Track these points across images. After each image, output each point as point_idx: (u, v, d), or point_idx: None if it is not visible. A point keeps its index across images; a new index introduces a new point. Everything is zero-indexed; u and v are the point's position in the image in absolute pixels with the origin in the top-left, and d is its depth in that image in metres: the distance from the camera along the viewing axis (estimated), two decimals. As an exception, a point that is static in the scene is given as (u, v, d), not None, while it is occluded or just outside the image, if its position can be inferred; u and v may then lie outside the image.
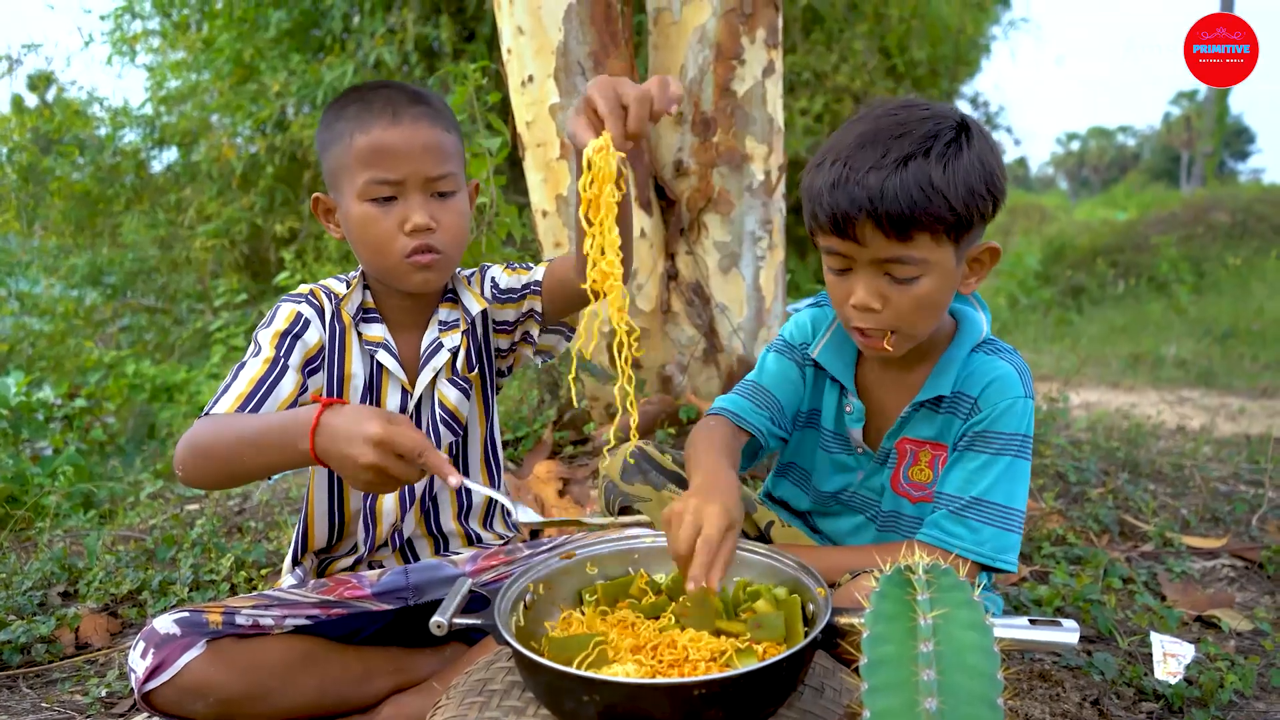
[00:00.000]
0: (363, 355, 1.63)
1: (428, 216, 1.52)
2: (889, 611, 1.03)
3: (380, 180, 1.50)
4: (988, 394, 1.51)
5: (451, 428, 1.70)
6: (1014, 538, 1.47)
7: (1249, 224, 13.68)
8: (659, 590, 1.39)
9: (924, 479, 1.61)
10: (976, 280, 1.51)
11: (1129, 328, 9.78)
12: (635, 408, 1.41)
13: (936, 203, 1.34)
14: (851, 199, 1.36)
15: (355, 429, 1.21)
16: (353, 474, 1.23)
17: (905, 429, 1.61)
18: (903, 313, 1.43)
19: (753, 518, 1.80)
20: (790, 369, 1.73)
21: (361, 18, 7.01)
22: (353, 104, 1.55)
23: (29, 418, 4.65)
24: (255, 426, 1.33)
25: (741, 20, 2.97)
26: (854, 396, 1.65)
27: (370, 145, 1.50)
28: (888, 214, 1.34)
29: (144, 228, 8.00)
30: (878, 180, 1.34)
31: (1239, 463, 3.65)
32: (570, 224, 2.95)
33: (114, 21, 8.35)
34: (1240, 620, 2.12)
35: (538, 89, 2.93)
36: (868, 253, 1.40)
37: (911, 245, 1.37)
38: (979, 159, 1.38)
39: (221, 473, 1.36)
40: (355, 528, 1.68)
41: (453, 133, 1.59)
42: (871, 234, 1.37)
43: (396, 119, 1.51)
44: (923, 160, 1.34)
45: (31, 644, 2.02)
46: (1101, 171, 56.78)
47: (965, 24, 8.88)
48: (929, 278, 1.40)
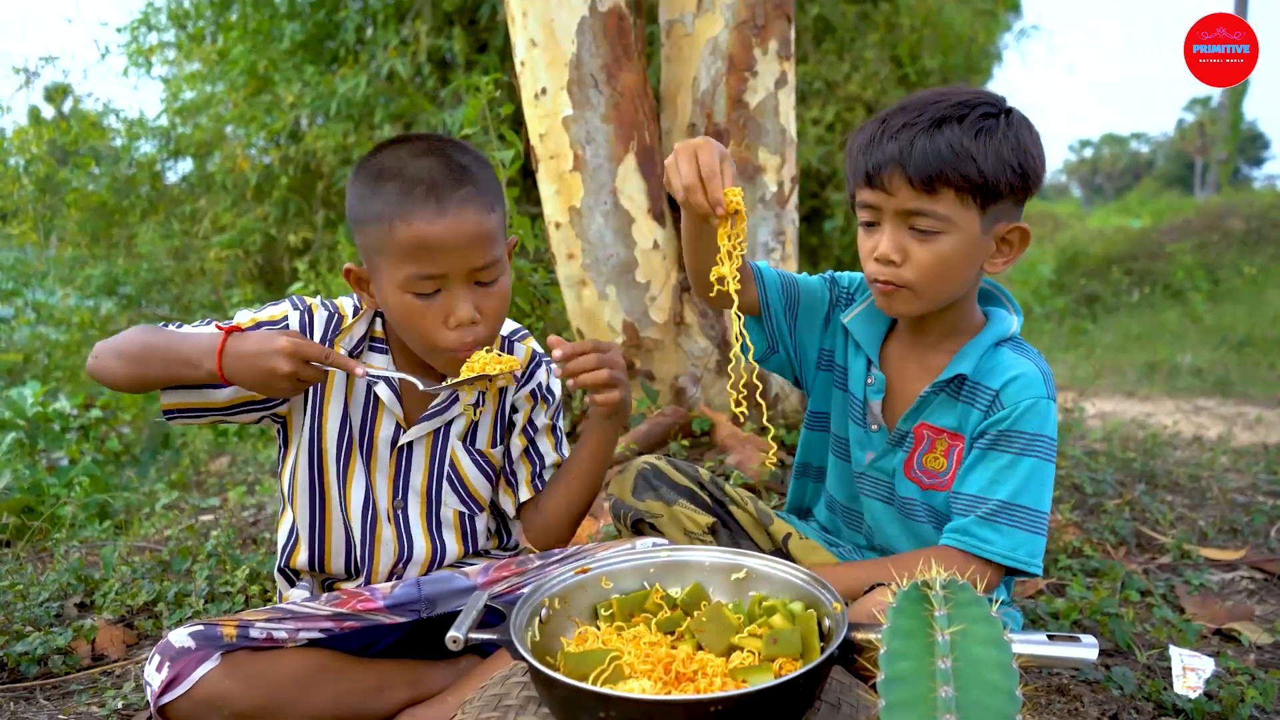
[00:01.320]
0: (359, 385, 1.62)
1: (473, 309, 1.47)
2: (906, 627, 1.03)
3: (424, 276, 1.44)
4: (1009, 390, 1.52)
5: (468, 504, 1.72)
6: (1042, 540, 1.50)
7: (1264, 231, 13.60)
8: (674, 605, 1.38)
9: (938, 467, 1.61)
10: (1005, 262, 1.54)
11: (1144, 336, 9.73)
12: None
13: (964, 161, 1.42)
14: (884, 152, 1.45)
15: (266, 345, 1.38)
16: (269, 383, 1.40)
17: (925, 413, 1.62)
18: (922, 268, 1.48)
19: (769, 530, 1.80)
20: (822, 292, 1.76)
21: (375, 29, 7.03)
22: (391, 181, 1.45)
23: (45, 428, 4.67)
24: (166, 339, 1.48)
25: (754, 32, 2.97)
26: (876, 368, 1.67)
27: (413, 239, 1.42)
28: (916, 164, 1.42)
29: (159, 238, 8.04)
30: (909, 135, 1.44)
31: (1257, 473, 3.62)
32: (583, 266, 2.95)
33: (130, 34, 8.40)
34: (1260, 633, 2.10)
35: (551, 101, 2.94)
36: (894, 202, 1.47)
37: (936, 199, 1.44)
38: (1015, 136, 1.46)
39: (123, 372, 1.49)
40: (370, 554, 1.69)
41: (497, 208, 1.50)
42: (899, 184, 1.45)
43: (441, 208, 1.42)
44: (956, 124, 1.43)
45: (48, 656, 2.03)
46: (1115, 178, 56.55)
47: (977, 33, 8.85)
48: (950, 236, 1.46)
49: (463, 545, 1.74)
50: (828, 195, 7.02)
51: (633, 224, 2.97)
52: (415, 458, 1.68)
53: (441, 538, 1.71)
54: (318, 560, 1.69)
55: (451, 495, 1.71)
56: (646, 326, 3.01)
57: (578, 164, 2.94)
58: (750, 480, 2.64)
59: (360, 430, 1.64)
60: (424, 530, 1.70)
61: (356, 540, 1.68)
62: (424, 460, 1.68)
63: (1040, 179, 1.51)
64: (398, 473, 1.67)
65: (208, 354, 1.41)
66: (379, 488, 1.67)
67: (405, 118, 6.73)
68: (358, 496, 1.66)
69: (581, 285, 3.03)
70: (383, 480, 1.67)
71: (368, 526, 1.67)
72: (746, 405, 1.44)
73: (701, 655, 1.23)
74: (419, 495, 1.69)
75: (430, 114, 6.50)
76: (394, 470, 1.66)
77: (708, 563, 1.45)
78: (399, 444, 1.65)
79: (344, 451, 1.64)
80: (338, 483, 1.65)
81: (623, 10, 2.95)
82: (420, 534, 1.69)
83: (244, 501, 3.46)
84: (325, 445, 1.63)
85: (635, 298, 3.00)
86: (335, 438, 1.63)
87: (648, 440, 2.88)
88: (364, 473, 1.65)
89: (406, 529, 1.69)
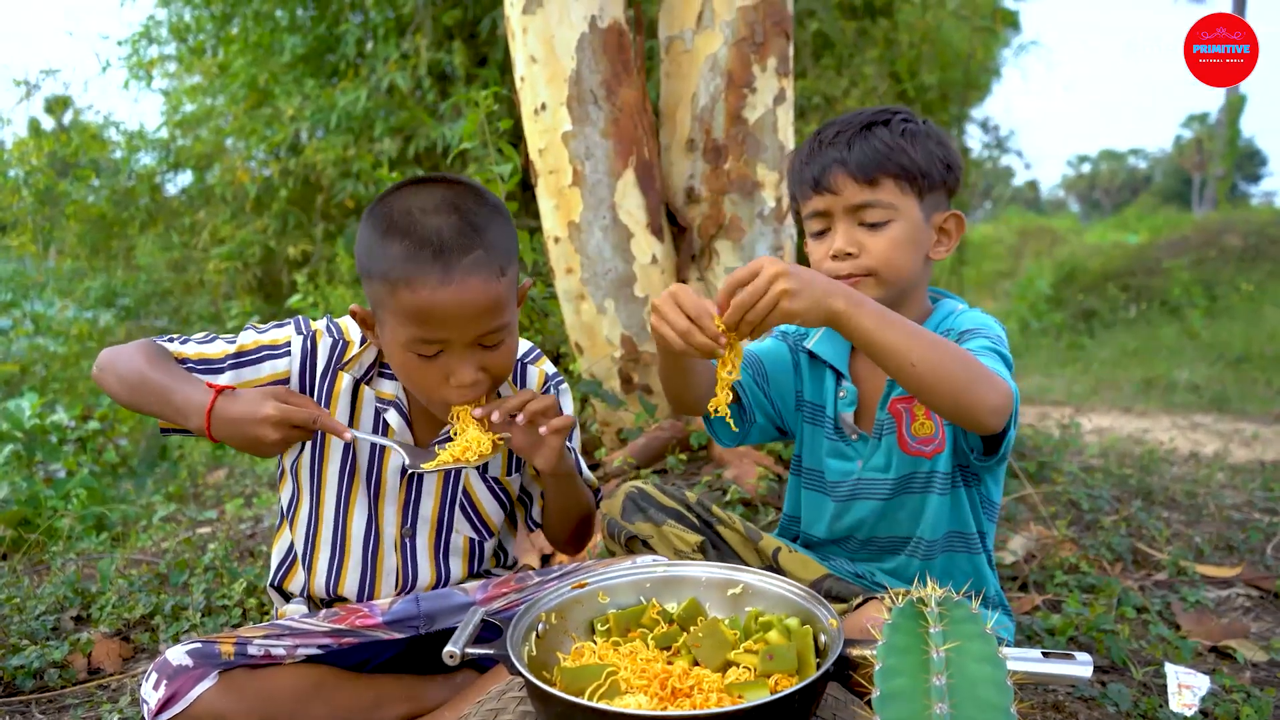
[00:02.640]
0: (366, 411, 1.62)
1: (475, 371, 1.44)
2: (901, 644, 1.03)
3: (425, 340, 1.41)
4: (961, 322, 1.66)
5: (479, 531, 1.72)
6: (1009, 369, 1.57)
7: (1261, 247, 13.65)
8: (671, 620, 1.39)
9: (928, 431, 1.67)
10: (945, 249, 1.69)
11: (1141, 352, 9.75)
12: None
13: (897, 153, 1.59)
14: (825, 156, 1.62)
15: (253, 412, 1.40)
16: (255, 448, 1.42)
17: (894, 390, 1.68)
18: (879, 253, 1.61)
19: (758, 546, 1.81)
20: (782, 349, 1.84)
21: (375, 43, 7.06)
22: (400, 240, 1.37)
23: (43, 440, 4.67)
24: (164, 384, 1.46)
25: (753, 49, 2.99)
26: (847, 381, 1.74)
27: (417, 306, 1.36)
28: (856, 161, 1.59)
29: (158, 250, 8.06)
30: (845, 139, 1.62)
31: (1253, 490, 3.63)
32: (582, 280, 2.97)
33: (131, 47, 8.44)
34: (1256, 651, 2.10)
35: (550, 116, 2.96)
36: (842, 200, 1.62)
37: (879, 189, 1.60)
38: (935, 136, 1.65)
39: (121, 396, 1.52)
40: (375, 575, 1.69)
41: (509, 269, 1.43)
42: (844, 181, 1.61)
43: (448, 276, 1.35)
44: (884, 127, 1.62)
45: (44, 669, 2.03)
46: (1113, 194, 56.69)
47: (975, 49, 8.90)
48: (898, 223, 1.61)
49: (468, 569, 1.73)
50: (826, 210, 7.03)
51: (631, 239, 2.98)
52: (427, 485, 1.66)
53: (448, 564, 1.70)
54: (312, 584, 1.68)
55: (464, 522, 1.70)
56: (644, 340, 3.02)
57: (577, 179, 2.96)
58: (748, 495, 2.64)
59: (369, 458, 1.63)
60: (430, 557, 1.69)
61: (356, 568, 1.66)
62: (436, 488, 1.67)
63: (961, 172, 1.69)
64: (408, 501, 1.65)
65: (196, 412, 1.42)
66: (386, 516, 1.65)
67: (405, 131, 6.75)
68: (359, 524, 1.64)
69: (580, 299, 3.04)
70: (391, 508, 1.65)
71: (369, 555, 1.66)
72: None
73: (698, 671, 1.24)
74: (429, 523, 1.68)
75: (430, 127, 6.53)
76: (404, 498, 1.65)
77: (704, 578, 1.46)
78: (409, 472, 1.64)
79: (347, 478, 1.63)
80: (339, 510, 1.64)
81: (622, 27, 2.97)
82: (426, 561, 1.68)
83: (241, 514, 3.46)
84: (326, 472, 1.63)
85: (633, 312, 3.00)
86: (338, 465, 1.62)
87: (645, 454, 2.88)
88: (366, 500, 1.64)
89: (412, 557, 1.67)
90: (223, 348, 1.56)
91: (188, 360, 1.54)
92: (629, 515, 1.78)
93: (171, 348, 1.55)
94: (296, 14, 7.56)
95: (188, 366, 1.53)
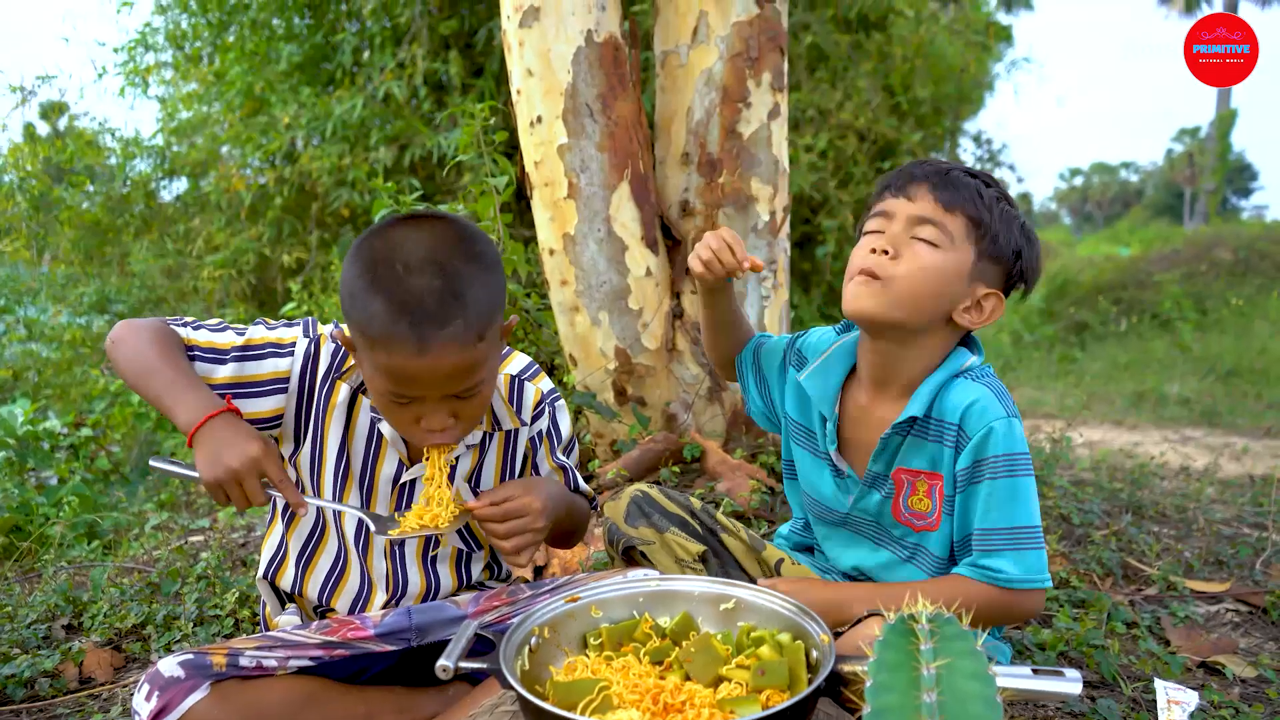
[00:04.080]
0: (362, 419, 1.63)
1: (446, 419, 1.44)
2: (892, 660, 1.04)
3: (396, 394, 1.41)
4: (968, 420, 1.55)
5: (467, 543, 1.73)
6: (1043, 552, 1.55)
7: (1252, 261, 13.73)
8: (663, 635, 1.39)
9: (924, 508, 1.63)
10: (970, 321, 1.59)
11: (1132, 365, 9.80)
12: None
13: (982, 208, 1.55)
14: (918, 170, 1.60)
15: (240, 441, 1.39)
16: (212, 471, 1.37)
17: (898, 459, 1.64)
18: (908, 269, 1.54)
19: (761, 556, 1.82)
20: (778, 351, 1.87)
21: (371, 52, 7.09)
22: (380, 296, 1.34)
23: (35, 447, 4.66)
24: (167, 377, 1.47)
25: (747, 64, 3.01)
26: (831, 422, 1.70)
27: (389, 366, 1.37)
28: (942, 186, 1.56)
29: (152, 257, 8.05)
30: (943, 168, 1.59)
31: (1243, 505, 3.64)
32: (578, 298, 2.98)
33: (127, 54, 8.45)
34: (1244, 667, 2.11)
35: (546, 129, 2.97)
36: (912, 208, 1.56)
37: (950, 217, 1.55)
38: (1025, 230, 1.61)
39: (125, 375, 1.51)
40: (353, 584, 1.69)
41: (488, 333, 1.40)
42: (923, 194, 1.56)
43: (423, 346, 1.33)
44: (985, 186, 1.58)
45: (35, 678, 2.02)
46: (1105, 207, 56.98)
47: (969, 63, 8.95)
48: (946, 253, 1.54)
49: (457, 580, 1.74)
50: (820, 221, 7.08)
51: (626, 251, 2.99)
52: (417, 496, 1.66)
53: (436, 572, 1.71)
54: (306, 583, 1.69)
55: (452, 534, 1.70)
56: (638, 353, 3.03)
57: (572, 191, 2.97)
58: (740, 508, 2.65)
59: (361, 465, 1.64)
60: (419, 565, 1.70)
61: (356, 573, 1.67)
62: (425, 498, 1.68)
63: (1032, 269, 1.63)
64: (398, 509, 1.66)
65: (187, 424, 1.42)
66: None
67: (400, 140, 6.77)
68: (351, 527, 1.66)
69: (574, 311, 3.05)
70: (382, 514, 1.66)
71: (361, 559, 1.67)
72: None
73: (689, 686, 1.24)
74: None
75: (426, 137, 6.55)
76: (394, 506, 1.66)
77: (697, 592, 1.46)
78: (401, 481, 1.65)
79: (340, 483, 1.64)
80: (334, 514, 1.65)
81: (618, 41, 2.99)
82: (415, 569, 1.69)
83: (233, 523, 3.45)
84: (324, 476, 1.63)
85: (628, 324, 3.02)
86: (332, 470, 1.63)
87: (639, 466, 2.89)
88: (359, 503, 1.65)
89: (402, 564, 1.68)
90: (231, 339, 1.57)
91: (197, 348, 1.55)
92: (632, 520, 1.78)
93: (184, 333, 1.56)
94: (293, 22, 7.59)
95: (195, 353, 1.54)
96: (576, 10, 2.91)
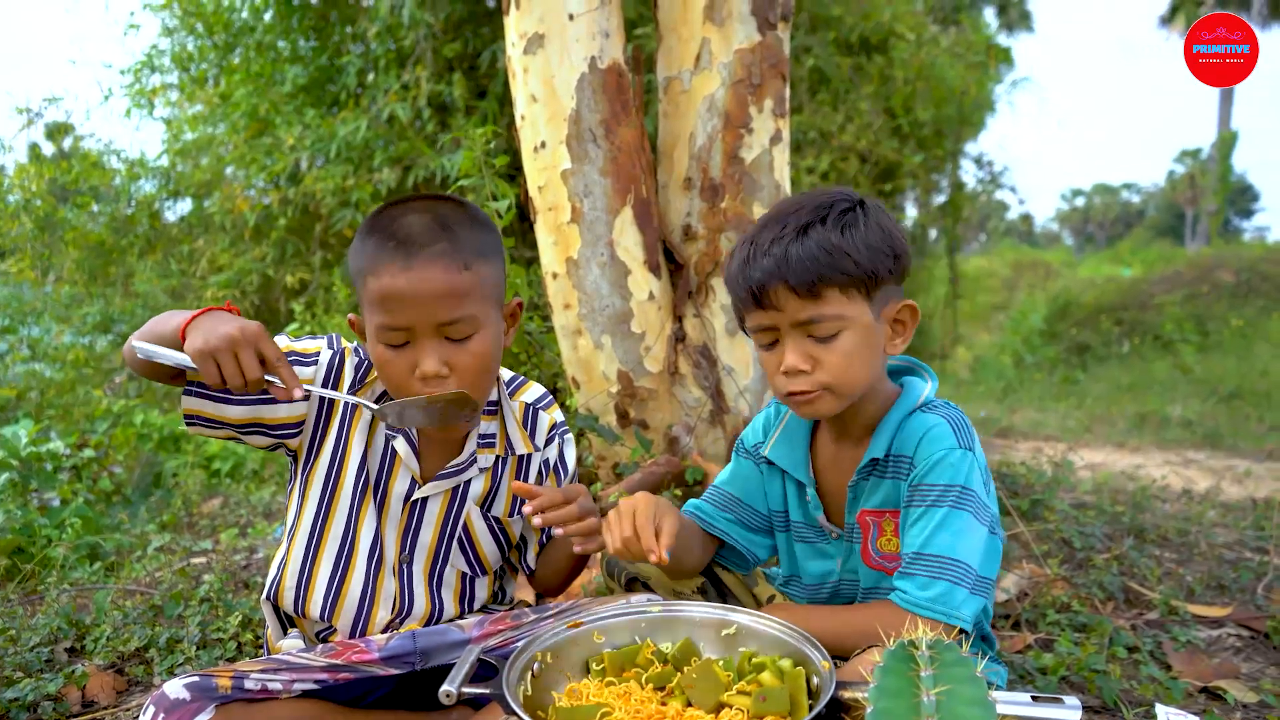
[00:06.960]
0: (379, 435, 1.65)
1: (439, 363, 1.48)
2: (893, 686, 1.05)
3: (389, 327, 1.47)
4: (920, 450, 1.53)
5: (473, 567, 1.74)
6: (964, 593, 1.45)
7: (1253, 283, 13.76)
8: (665, 660, 1.40)
9: (893, 549, 1.60)
10: (903, 341, 1.57)
11: (1134, 387, 9.79)
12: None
13: (838, 258, 1.45)
14: (762, 270, 1.48)
15: (237, 320, 1.39)
16: (206, 340, 1.35)
17: (861, 500, 1.62)
18: (832, 369, 1.49)
19: (754, 592, 1.82)
20: (748, 468, 1.78)
21: (376, 74, 7.14)
22: (376, 233, 1.48)
23: (38, 468, 4.67)
24: (171, 317, 1.46)
25: (750, 90, 3.04)
26: (810, 486, 1.67)
27: (379, 290, 1.45)
28: (796, 274, 1.45)
29: (156, 277, 8.08)
30: (781, 249, 1.47)
31: (1245, 528, 3.64)
32: (579, 285, 3.00)
33: (134, 75, 8.51)
34: (1246, 692, 2.11)
35: (550, 155, 3.00)
36: (785, 317, 1.49)
37: (823, 303, 1.47)
38: (876, 223, 1.50)
39: (141, 356, 1.44)
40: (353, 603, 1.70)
41: (477, 266, 1.49)
42: (785, 297, 1.47)
43: (408, 263, 1.43)
44: (820, 226, 1.47)
45: (39, 702, 2.02)
46: (1106, 227, 57.11)
47: (970, 85, 9.01)
48: (849, 332, 1.49)
49: (459, 606, 1.75)
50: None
51: (629, 275, 3.01)
52: (428, 515, 1.69)
53: (440, 597, 1.72)
54: (309, 600, 1.69)
55: (459, 556, 1.72)
56: (641, 376, 3.04)
57: (575, 216, 2.99)
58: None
59: (376, 480, 1.66)
60: (426, 586, 1.71)
61: (358, 586, 1.68)
62: (436, 518, 1.69)
63: (908, 256, 1.55)
64: (408, 527, 1.68)
65: (184, 319, 1.42)
66: (388, 539, 1.68)
67: (404, 161, 6.81)
68: (365, 544, 1.67)
69: (577, 334, 3.07)
70: (392, 533, 1.68)
71: (371, 575, 1.68)
72: None
73: (691, 712, 1.25)
74: (426, 551, 1.70)
75: (429, 158, 6.58)
76: (405, 524, 1.68)
77: (699, 618, 1.47)
78: (412, 499, 1.67)
79: (358, 498, 1.66)
80: (347, 529, 1.66)
81: (622, 67, 3.02)
82: (422, 590, 1.70)
83: (236, 544, 3.46)
84: (341, 489, 1.65)
85: (630, 347, 3.03)
86: (351, 483, 1.65)
87: (640, 489, 2.90)
88: (375, 522, 1.67)
89: (409, 584, 1.69)
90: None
91: None
92: None
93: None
94: (298, 45, 7.66)
95: None
96: (580, 37, 2.94)
